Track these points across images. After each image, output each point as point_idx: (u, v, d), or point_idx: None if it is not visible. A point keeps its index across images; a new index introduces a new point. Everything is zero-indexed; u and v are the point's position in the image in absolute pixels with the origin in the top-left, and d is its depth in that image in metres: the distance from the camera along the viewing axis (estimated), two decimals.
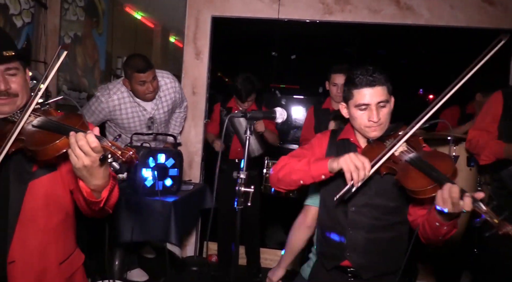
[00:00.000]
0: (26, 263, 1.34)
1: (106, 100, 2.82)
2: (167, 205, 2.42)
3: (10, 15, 3.43)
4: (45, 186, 1.36)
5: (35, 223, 1.36)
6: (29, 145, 1.19)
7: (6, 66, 1.31)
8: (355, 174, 1.45)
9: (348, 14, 3.56)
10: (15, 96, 1.34)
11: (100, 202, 1.28)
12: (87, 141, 1.10)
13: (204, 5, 3.71)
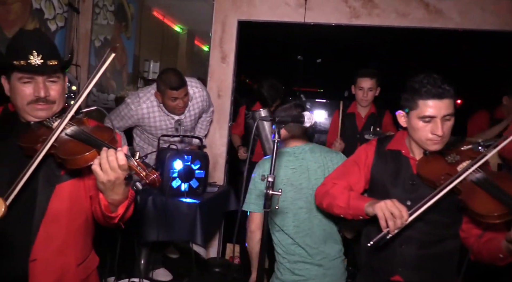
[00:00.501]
0: (47, 262, 1.38)
1: (135, 108, 2.86)
2: (193, 206, 2.45)
3: (45, 19, 3.57)
4: (70, 189, 1.41)
5: (58, 224, 1.40)
6: (60, 153, 1.24)
7: (48, 74, 1.37)
8: (390, 223, 1.40)
9: (376, 18, 3.53)
10: (53, 103, 1.39)
11: (115, 217, 1.33)
12: (116, 158, 1.17)
13: (231, 10, 3.75)
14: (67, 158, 1.22)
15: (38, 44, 1.34)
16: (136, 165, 1.17)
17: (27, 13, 3.34)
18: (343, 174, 1.78)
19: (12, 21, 3.21)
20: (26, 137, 1.32)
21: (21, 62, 1.30)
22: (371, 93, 3.16)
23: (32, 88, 1.34)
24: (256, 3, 3.70)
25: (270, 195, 1.54)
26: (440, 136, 1.51)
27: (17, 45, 1.34)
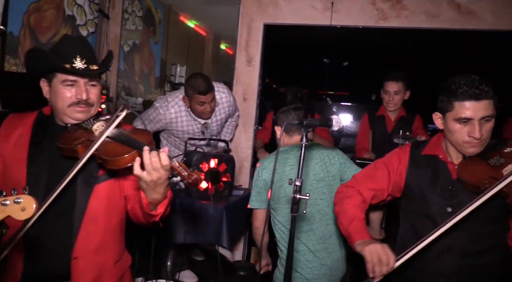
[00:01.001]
0: (88, 260, 1.43)
1: (164, 112, 2.91)
2: (219, 209, 2.46)
3: (76, 25, 3.68)
4: (107, 190, 1.47)
5: (97, 223, 1.45)
6: (102, 153, 1.28)
7: (90, 78, 1.44)
8: (377, 268, 1.40)
9: (404, 20, 3.45)
10: (91, 105, 1.45)
11: (156, 216, 1.37)
12: (159, 158, 1.20)
13: (257, 13, 3.76)
14: (108, 159, 1.26)
15: (82, 49, 1.40)
16: (177, 165, 1.21)
17: (60, 19, 3.46)
18: (370, 177, 1.73)
19: (46, 27, 3.33)
20: (64, 138, 1.37)
21: (66, 65, 1.36)
22: (397, 96, 3.08)
23: (74, 90, 1.41)
24: (282, 6, 3.69)
25: (297, 199, 1.53)
26: (477, 138, 1.45)
27: (61, 50, 1.40)
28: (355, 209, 1.65)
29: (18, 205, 1.05)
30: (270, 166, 2.19)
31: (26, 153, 1.44)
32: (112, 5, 4.09)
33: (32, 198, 1.07)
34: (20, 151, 1.44)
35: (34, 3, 3.16)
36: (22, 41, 3.10)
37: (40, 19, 3.24)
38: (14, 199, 1.05)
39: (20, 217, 1.06)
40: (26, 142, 1.46)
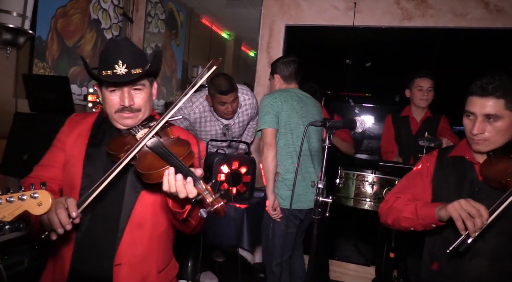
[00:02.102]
0: (131, 267, 1.39)
1: (188, 112, 2.93)
2: (240, 211, 2.46)
3: (101, 29, 3.76)
4: (154, 197, 1.42)
5: (142, 230, 1.41)
6: (138, 166, 1.22)
7: (135, 84, 1.38)
8: (469, 223, 1.29)
9: (430, 19, 3.38)
10: (138, 111, 1.40)
11: (183, 213, 1.29)
12: (185, 189, 1.13)
13: (278, 15, 3.75)
14: (142, 172, 1.20)
15: (124, 53, 1.35)
16: (204, 189, 1.13)
17: (85, 23, 3.54)
18: (406, 187, 1.69)
19: (72, 31, 3.41)
20: (113, 144, 1.34)
21: (108, 72, 1.33)
22: (430, 93, 3.00)
23: (118, 97, 1.38)
24: (304, 7, 3.67)
25: (320, 201, 1.51)
26: (474, 134, 1.45)
27: (105, 56, 1.37)
28: (409, 201, 1.59)
29: (34, 200, 1.05)
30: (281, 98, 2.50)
31: (83, 153, 1.44)
32: (136, 8, 4.16)
33: (49, 193, 1.07)
34: (79, 150, 1.45)
35: (61, 8, 3.25)
36: (49, 45, 3.19)
37: (66, 23, 3.33)
38: (30, 194, 1.05)
39: (37, 212, 1.05)
40: (85, 142, 1.47)
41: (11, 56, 2.84)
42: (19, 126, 2.75)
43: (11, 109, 2.88)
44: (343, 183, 2.85)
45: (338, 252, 4.11)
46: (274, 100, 2.50)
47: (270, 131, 2.47)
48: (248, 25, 4.80)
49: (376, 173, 2.79)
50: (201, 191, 1.12)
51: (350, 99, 4.07)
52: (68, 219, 1.18)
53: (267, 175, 2.46)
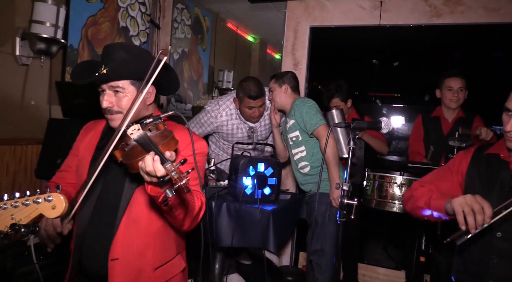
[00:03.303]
0: (126, 263, 1.43)
1: (215, 115, 2.97)
2: (265, 213, 2.45)
3: (130, 36, 3.86)
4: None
5: (138, 226, 1.45)
6: (124, 158, 1.27)
7: (109, 85, 1.41)
8: (469, 218, 1.28)
9: (460, 16, 3.27)
10: (118, 113, 1.43)
11: (158, 196, 1.28)
12: (153, 166, 1.14)
13: (303, 16, 3.74)
14: (125, 163, 1.24)
15: (109, 57, 1.40)
16: (171, 170, 1.13)
17: (114, 31, 3.65)
18: (434, 178, 1.69)
19: (102, 39, 3.52)
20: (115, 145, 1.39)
21: (95, 74, 1.40)
22: (461, 93, 2.90)
23: (102, 98, 1.44)
24: (329, 8, 3.64)
25: (345, 203, 1.49)
26: (507, 131, 1.41)
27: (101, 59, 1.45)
28: (426, 191, 1.59)
29: (49, 203, 1.08)
30: None
31: (91, 155, 1.52)
32: (163, 15, 4.25)
33: (62, 196, 1.09)
34: (88, 153, 1.54)
35: (91, 17, 3.37)
36: (81, 53, 3.30)
37: (96, 31, 3.44)
38: (45, 197, 1.08)
39: (51, 215, 1.08)
40: (94, 145, 1.55)
41: (45, 64, 2.96)
42: (53, 132, 2.86)
43: (46, 115, 3.00)
44: (370, 185, 2.80)
45: (368, 255, 4.03)
46: (314, 102, 2.71)
47: (326, 126, 2.60)
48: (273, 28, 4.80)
49: (404, 175, 2.73)
50: (168, 171, 1.13)
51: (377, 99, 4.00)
52: (56, 235, 1.34)
53: (335, 162, 2.54)
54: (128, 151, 1.28)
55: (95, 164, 1.45)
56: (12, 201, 1.07)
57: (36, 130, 2.91)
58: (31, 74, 2.90)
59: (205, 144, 1.62)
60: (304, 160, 2.74)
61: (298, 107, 2.70)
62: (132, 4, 3.83)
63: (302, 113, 2.65)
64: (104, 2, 3.48)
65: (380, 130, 1.57)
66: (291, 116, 2.76)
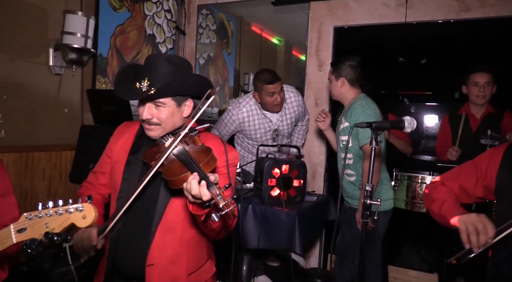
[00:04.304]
0: (162, 268, 1.47)
1: (236, 113, 3.05)
2: (291, 215, 2.45)
3: (156, 43, 3.96)
4: (185, 202, 1.45)
5: (173, 233, 1.49)
6: (164, 173, 1.31)
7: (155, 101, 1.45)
8: (473, 238, 1.30)
9: (490, 9, 3.16)
10: (157, 124, 1.47)
11: (201, 215, 1.31)
12: (199, 191, 1.16)
13: (326, 17, 3.71)
14: (167, 179, 1.28)
15: (152, 71, 1.43)
16: (217, 194, 1.16)
17: (142, 39, 3.76)
18: (458, 175, 1.64)
19: (130, 47, 3.63)
20: (147, 153, 1.45)
21: (135, 85, 1.43)
22: (488, 88, 2.80)
23: (142, 109, 1.47)
24: (353, 7, 3.60)
25: (368, 204, 1.47)
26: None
27: (139, 69, 1.48)
28: (443, 194, 1.58)
29: (80, 213, 1.12)
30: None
31: (125, 159, 1.56)
32: (188, 21, 4.33)
33: (93, 207, 1.13)
34: (122, 156, 1.58)
35: (119, 26, 3.48)
36: (110, 61, 3.42)
37: (124, 40, 3.56)
38: (76, 207, 1.12)
39: (82, 225, 1.12)
40: (127, 149, 1.59)
41: (76, 73, 3.09)
42: (85, 138, 2.98)
43: (78, 122, 3.13)
44: (398, 185, 2.74)
45: (400, 257, 3.94)
46: (375, 108, 2.50)
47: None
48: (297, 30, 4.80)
49: (434, 175, 2.65)
50: (214, 195, 1.16)
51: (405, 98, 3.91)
52: (91, 247, 1.40)
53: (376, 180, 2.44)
54: (168, 166, 1.31)
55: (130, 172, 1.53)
56: (46, 210, 1.11)
57: (70, 136, 3.04)
58: (64, 83, 3.04)
59: (237, 154, 1.63)
60: (350, 168, 2.61)
61: (356, 113, 2.48)
62: (158, 12, 3.93)
63: (358, 121, 2.40)
64: (131, 11, 3.60)
65: (403, 129, 1.54)
66: (347, 118, 2.56)
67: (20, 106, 2.74)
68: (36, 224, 1.11)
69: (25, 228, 1.11)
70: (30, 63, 2.79)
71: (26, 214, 1.12)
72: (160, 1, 3.94)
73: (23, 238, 1.11)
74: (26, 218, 1.12)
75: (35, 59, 2.82)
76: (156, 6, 3.90)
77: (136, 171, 1.54)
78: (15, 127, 2.71)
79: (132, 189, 1.49)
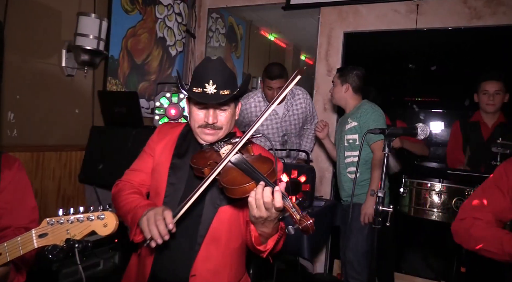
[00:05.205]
0: (204, 280, 1.43)
1: (244, 103, 3.15)
2: None
3: (167, 46, 3.99)
4: (231, 213, 1.46)
5: (218, 244, 1.45)
6: (222, 180, 1.25)
7: (221, 104, 1.42)
8: None
9: (502, 17, 3.15)
10: (219, 129, 1.45)
11: (264, 252, 1.29)
12: (273, 198, 1.13)
13: (337, 22, 3.72)
14: (227, 187, 1.22)
15: (215, 74, 1.39)
16: (291, 206, 1.12)
17: (152, 41, 3.79)
18: (483, 202, 1.53)
19: (141, 49, 3.66)
20: (197, 158, 1.40)
21: (198, 89, 1.40)
22: (498, 97, 2.79)
23: (204, 113, 1.43)
24: (363, 13, 3.61)
25: (380, 210, 1.47)
26: None
27: (198, 73, 1.44)
28: (489, 230, 1.45)
29: (101, 221, 1.11)
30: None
31: (169, 162, 1.52)
32: (198, 25, 4.36)
33: (114, 215, 1.12)
34: (165, 158, 1.53)
35: (131, 29, 3.52)
36: (121, 63, 3.45)
37: (136, 42, 3.59)
38: (98, 215, 1.11)
39: (103, 233, 1.12)
40: (171, 152, 1.54)
41: (88, 74, 3.12)
42: (95, 139, 3.01)
43: (89, 123, 3.15)
44: (407, 192, 2.73)
45: (406, 264, 3.92)
46: (382, 112, 2.68)
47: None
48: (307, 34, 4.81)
49: (444, 182, 2.64)
50: (288, 207, 1.11)
51: (414, 104, 3.90)
52: (166, 230, 1.26)
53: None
54: (227, 174, 1.26)
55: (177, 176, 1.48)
56: (68, 217, 1.11)
57: (80, 137, 3.07)
58: (75, 84, 3.06)
59: (282, 166, 1.60)
60: (354, 166, 2.68)
61: (366, 112, 2.64)
62: (169, 15, 3.97)
63: (369, 120, 2.59)
64: (142, 14, 3.63)
65: (416, 136, 1.54)
66: (355, 118, 2.68)
67: (33, 106, 2.77)
68: (57, 230, 1.11)
69: (46, 233, 1.11)
70: (43, 64, 2.82)
71: (48, 219, 1.12)
72: (171, 4, 3.97)
73: (44, 243, 1.11)
74: (47, 224, 1.12)
75: (48, 60, 2.86)
76: (167, 9, 3.93)
77: (183, 176, 1.49)
78: (27, 126, 2.73)
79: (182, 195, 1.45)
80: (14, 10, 2.57)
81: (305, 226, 1.08)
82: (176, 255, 1.45)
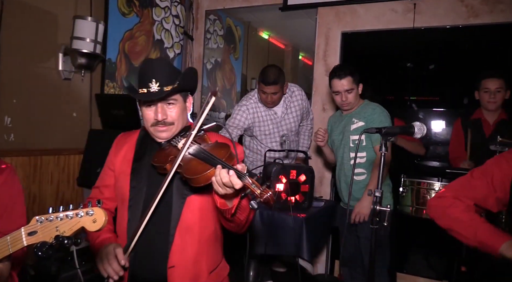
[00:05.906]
0: (183, 269, 1.48)
1: (245, 104, 3.09)
2: (298, 220, 2.44)
3: (164, 48, 3.99)
4: (200, 201, 1.51)
5: (192, 233, 1.50)
6: (184, 172, 1.31)
7: (167, 100, 1.46)
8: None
9: (500, 15, 3.14)
10: (171, 124, 1.48)
11: (231, 209, 1.33)
12: (230, 180, 1.19)
13: (334, 22, 3.71)
14: (190, 177, 1.28)
15: (157, 72, 1.44)
16: (251, 183, 1.19)
17: (150, 44, 3.78)
18: (468, 187, 1.54)
19: (138, 52, 3.66)
20: (158, 157, 1.45)
21: (143, 90, 1.44)
22: (499, 94, 2.78)
23: (153, 112, 1.46)
24: (360, 13, 3.60)
25: (377, 211, 1.46)
26: None
27: (141, 75, 1.48)
28: (467, 213, 1.47)
29: (90, 217, 1.12)
30: None
31: (130, 168, 1.56)
32: (196, 26, 4.36)
33: (103, 211, 1.13)
34: (126, 166, 1.57)
35: (128, 31, 3.51)
36: (118, 66, 3.45)
37: (133, 45, 3.58)
38: (86, 211, 1.12)
39: (92, 229, 1.12)
40: (131, 158, 1.58)
41: (85, 78, 3.12)
42: (93, 142, 3.00)
43: (87, 126, 3.15)
44: (406, 191, 2.72)
45: (407, 264, 3.90)
46: None
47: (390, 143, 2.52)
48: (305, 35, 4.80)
49: (443, 181, 2.63)
50: (248, 184, 1.18)
51: (413, 103, 3.89)
52: (119, 267, 1.38)
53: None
54: (188, 166, 1.32)
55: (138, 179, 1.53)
56: (57, 214, 1.12)
57: (78, 140, 3.06)
58: (73, 88, 3.06)
59: (243, 149, 1.65)
60: (361, 167, 2.60)
61: (375, 112, 2.56)
62: (166, 17, 3.96)
63: (376, 120, 2.52)
64: (140, 16, 3.63)
65: (413, 135, 1.53)
66: (362, 118, 2.60)
67: (30, 110, 2.76)
68: (47, 227, 1.11)
69: (35, 231, 1.12)
70: (40, 68, 2.82)
71: (37, 217, 1.13)
72: (168, 6, 3.97)
73: (33, 241, 1.11)
74: (37, 221, 1.12)
75: (44, 63, 2.85)
76: (165, 11, 3.93)
77: (143, 177, 1.54)
78: (24, 130, 2.73)
79: (144, 195, 1.50)
80: (10, 14, 2.57)
81: (265, 198, 1.16)
82: (151, 249, 1.49)
